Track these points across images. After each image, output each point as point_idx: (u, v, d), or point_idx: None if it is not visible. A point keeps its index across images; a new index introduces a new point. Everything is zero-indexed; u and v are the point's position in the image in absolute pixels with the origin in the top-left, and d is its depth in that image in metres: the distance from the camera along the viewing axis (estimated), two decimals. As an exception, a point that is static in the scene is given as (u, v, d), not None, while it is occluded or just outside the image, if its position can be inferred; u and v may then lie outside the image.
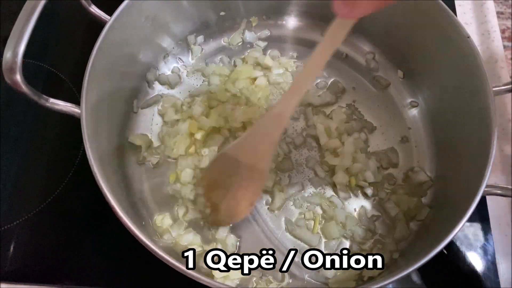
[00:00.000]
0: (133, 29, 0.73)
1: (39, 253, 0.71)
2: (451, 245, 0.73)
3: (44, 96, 0.60)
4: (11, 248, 0.71)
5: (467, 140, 0.68)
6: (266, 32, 0.90)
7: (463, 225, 0.56)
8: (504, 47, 0.93)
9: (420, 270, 0.70)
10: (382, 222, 0.73)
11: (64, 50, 0.90)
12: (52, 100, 0.61)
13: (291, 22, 0.91)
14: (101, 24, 0.68)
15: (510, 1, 1.01)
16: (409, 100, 0.83)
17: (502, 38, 0.94)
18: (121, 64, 0.74)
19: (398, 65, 0.85)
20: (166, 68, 0.86)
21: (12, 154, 0.79)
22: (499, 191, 0.60)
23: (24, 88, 0.55)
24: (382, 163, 0.77)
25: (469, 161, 0.66)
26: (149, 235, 0.67)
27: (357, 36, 0.87)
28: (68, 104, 0.62)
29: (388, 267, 0.67)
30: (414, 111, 0.82)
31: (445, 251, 0.71)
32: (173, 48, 0.85)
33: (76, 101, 0.62)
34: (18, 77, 0.54)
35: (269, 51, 0.89)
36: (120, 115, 0.77)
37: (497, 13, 0.98)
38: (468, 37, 0.67)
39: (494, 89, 0.64)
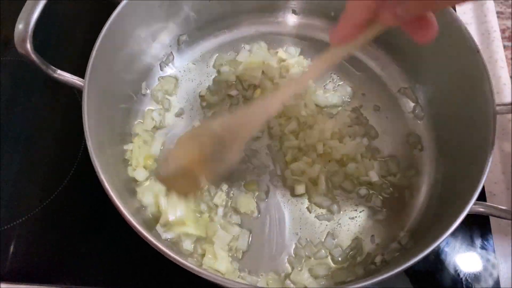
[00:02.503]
0: (147, 12, 0.74)
1: (39, 253, 0.71)
2: (451, 245, 0.73)
3: (52, 66, 0.62)
4: (11, 248, 0.71)
5: (466, 153, 0.68)
6: (267, 29, 0.90)
7: (445, 238, 0.55)
8: (504, 47, 0.93)
9: (419, 270, 0.71)
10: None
11: (64, 49, 0.90)
12: (59, 71, 0.63)
13: (291, 19, 0.91)
14: (111, 6, 0.68)
15: (510, 1, 1.01)
16: (414, 109, 0.83)
17: (502, 38, 0.94)
18: (132, 45, 0.75)
19: (405, 71, 0.84)
20: (177, 55, 0.86)
21: (12, 154, 0.79)
22: (482, 209, 0.60)
23: (33, 57, 0.59)
24: (381, 171, 0.77)
25: (464, 177, 0.65)
26: (151, 232, 0.67)
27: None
28: (74, 77, 0.64)
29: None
30: (418, 121, 0.82)
31: (435, 253, 0.72)
32: (185, 36, 0.85)
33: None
34: (29, 46, 0.57)
35: (285, 47, 0.89)
36: (126, 96, 0.78)
37: (497, 13, 0.98)
38: (478, 51, 0.67)
39: (497, 107, 0.64)
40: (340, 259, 0.70)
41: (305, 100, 0.81)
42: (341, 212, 0.74)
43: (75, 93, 0.83)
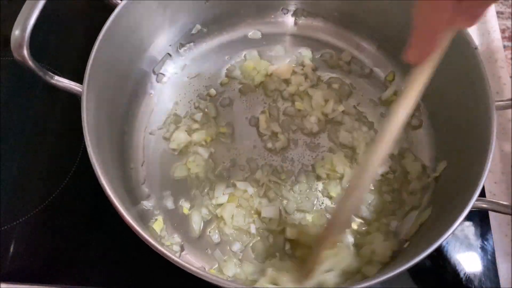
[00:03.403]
0: (144, 15, 0.74)
1: (39, 253, 0.71)
2: (451, 245, 0.73)
3: (49, 73, 0.61)
4: (11, 248, 0.71)
5: (466, 152, 0.68)
6: (267, 29, 0.90)
7: (447, 238, 0.55)
8: (504, 47, 0.93)
9: (418, 270, 0.71)
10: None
11: (64, 50, 0.90)
12: (56, 77, 0.62)
13: (291, 19, 0.91)
14: (110, 9, 0.68)
15: (510, 1, 1.01)
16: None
17: (502, 38, 0.94)
18: (129, 48, 0.75)
19: (403, 70, 0.84)
20: (176, 57, 0.86)
21: (12, 154, 0.79)
22: (483, 205, 0.60)
23: (30, 63, 0.58)
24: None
25: (464, 176, 0.64)
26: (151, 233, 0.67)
27: (365, 41, 0.88)
28: (72, 83, 0.63)
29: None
30: (417, 120, 0.81)
31: (435, 253, 0.71)
32: (183, 38, 0.85)
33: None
34: (26, 52, 0.57)
35: (283, 47, 0.89)
36: (124, 99, 0.78)
37: (497, 13, 0.98)
38: (476, 48, 0.67)
39: (496, 103, 0.63)
40: None
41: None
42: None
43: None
